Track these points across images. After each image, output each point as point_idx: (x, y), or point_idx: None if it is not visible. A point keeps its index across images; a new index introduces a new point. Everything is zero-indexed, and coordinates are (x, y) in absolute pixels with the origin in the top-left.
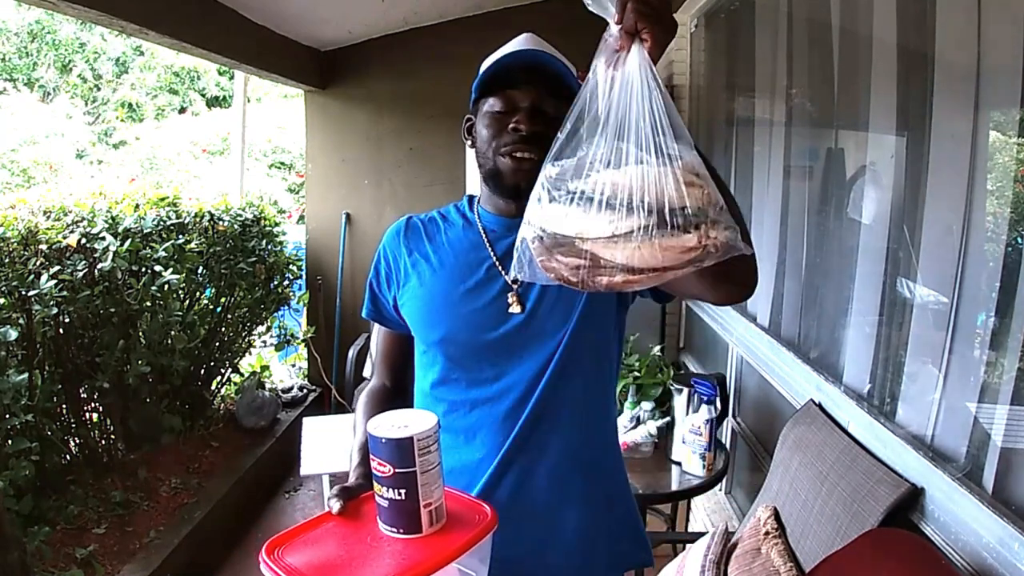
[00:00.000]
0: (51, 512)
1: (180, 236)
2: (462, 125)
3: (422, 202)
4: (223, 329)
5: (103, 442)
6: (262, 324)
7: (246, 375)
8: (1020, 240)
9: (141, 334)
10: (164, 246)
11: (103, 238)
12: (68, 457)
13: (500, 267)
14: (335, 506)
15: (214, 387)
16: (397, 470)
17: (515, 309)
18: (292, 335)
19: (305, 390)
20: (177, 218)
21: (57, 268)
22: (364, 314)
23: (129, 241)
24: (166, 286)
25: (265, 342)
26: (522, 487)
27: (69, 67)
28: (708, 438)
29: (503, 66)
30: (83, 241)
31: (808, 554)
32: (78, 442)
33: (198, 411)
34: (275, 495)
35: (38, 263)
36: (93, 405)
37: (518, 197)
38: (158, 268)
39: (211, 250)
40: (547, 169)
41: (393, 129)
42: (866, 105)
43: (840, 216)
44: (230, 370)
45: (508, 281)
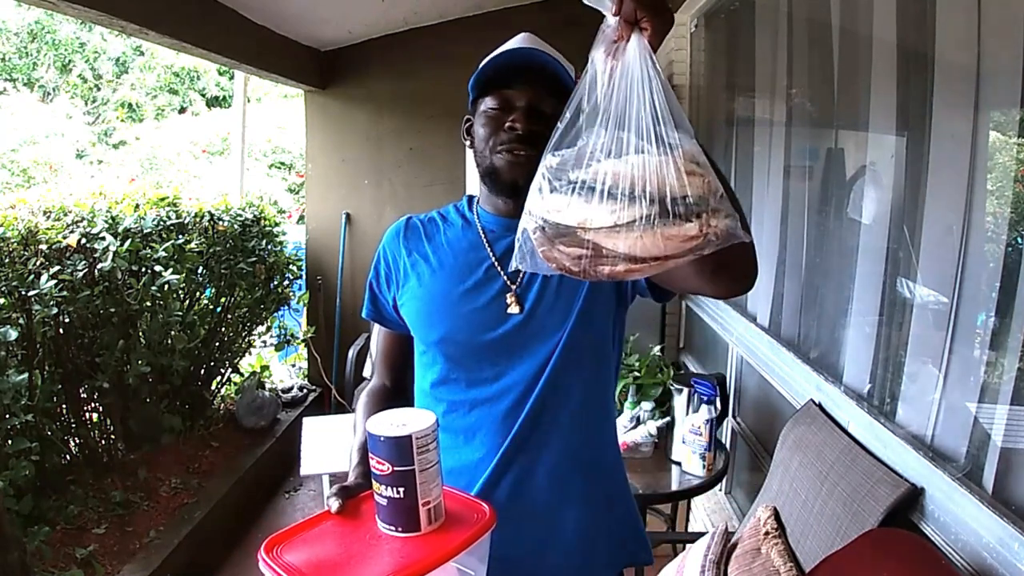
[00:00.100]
0: (51, 512)
1: (180, 236)
2: (461, 126)
3: (422, 202)
4: (223, 329)
5: (103, 442)
6: (262, 324)
7: (246, 375)
8: (1020, 240)
9: (141, 334)
10: (164, 246)
11: (103, 238)
12: (68, 457)
13: (499, 267)
14: (334, 505)
15: (214, 387)
16: (395, 468)
17: (514, 309)
18: (292, 335)
19: (305, 390)
20: (177, 218)
21: (57, 268)
22: (364, 314)
23: (129, 241)
24: (166, 286)
25: (265, 342)
26: (522, 487)
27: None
28: (708, 438)
29: (500, 65)
30: (83, 241)
31: (808, 554)
32: (78, 442)
33: (198, 411)
34: (275, 495)
35: (38, 263)
36: (93, 405)
37: (516, 195)
38: (158, 268)
39: (211, 250)
40: (547, 159)
41: (393, 129)
42: (866, 105)
43: (840, 216)
44: (230, 370)
45: (507, 281)
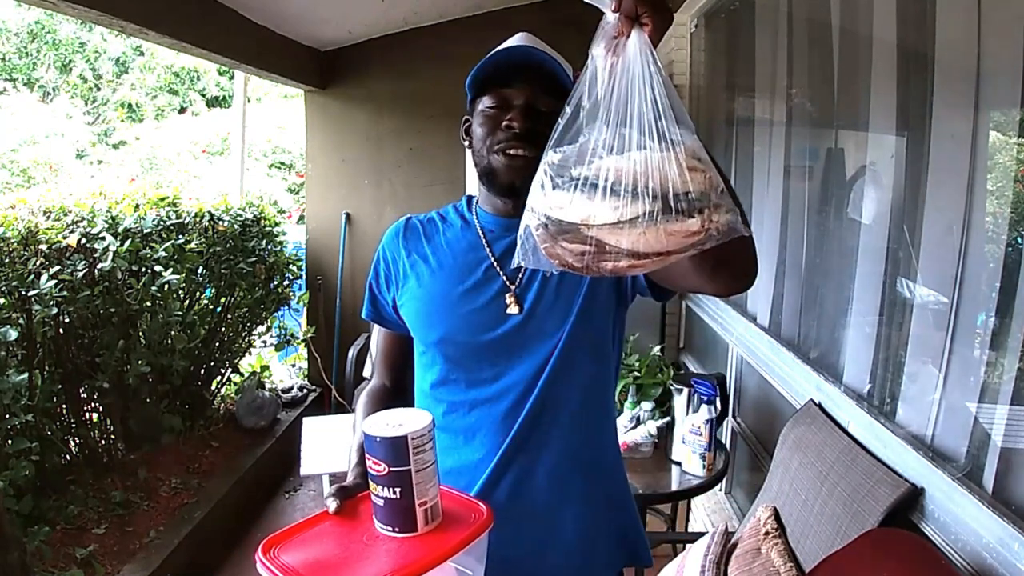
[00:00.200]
0: (51, 512)
1: (180, 236)
2: (460, 127)
3: (422, 202)
4: (223, 329)
5: (103, 442)
6: (262, 324)
7: (246, 375)
8: (1020, 240)
9: (141, 334)
10: (164, 246)
11: (103, 238)
12: (68, 457)
13: (498, 267)
14: (332, 505)
15: (214, 387)
16: (392, 469)
17: (513, 310)
18: (292, 335)
19: (305, 390)
20: (177, 218)
21: (57, 268)
22: (364, 315)
23: (129, 241)
24: (166, 286)
25: (265, 342)
26: (522, 487)
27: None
28: (708, 438)
29: (497, 64)
30: (83, 241)
31: (808, 554)
32: (78, 442)
33: (198, 411)
34: (275, 495)
35: (38, 263)
36: (93, 405)
37: (513, 196)
38: (158, 268)
39: (211, 250)
40: (549, 155)
41: (393, 129)
42: (866, 105)
43: (840, 216)
44: (230, 370)
45: (506, 281)
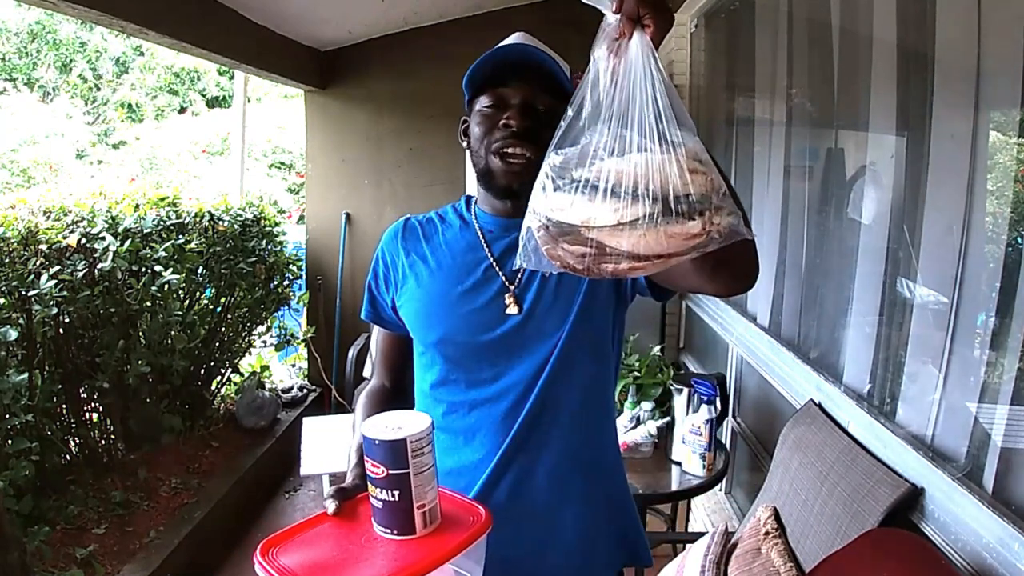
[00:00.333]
0: (51, 512)
1: (180, 236)
2: (458, 127)
3: (422, 202)
4: (223, 329)
5: (103, 442)
6: (262, 324)
7: (246, 375)
8: (1020, 240)
9: (141, 334)
10: (164, 246)
11: (103, 238)
12: (68, 457)
13: (497, 268)
14: (331, 507)
15: (214, 387)
16: (391, 471)
17: (512, 310)
18: (292, 335)
19: (305, 390)
20: (177, 218)
21: (57, 268)
22: (363, 316)
23: (129, 241)
24: (166, 286)
25: (265, 342)
26: (522, 487)
27: (69, 67)
28: (708, 438)
29: (495, 64)
30: (83, 241)
31: (808, 554)
32: (78, 442)
33: (198, 411)
34: (275, 495)
35: (38, 263)
36: (93, 405)
37: (512, 196)
38: (158, 268)
39: (211, 250)
40: (551, 157)
41: (393, 129)
42: (866, 105)
43: (840, 216)
44: (230, 370)
45: (505, 282)
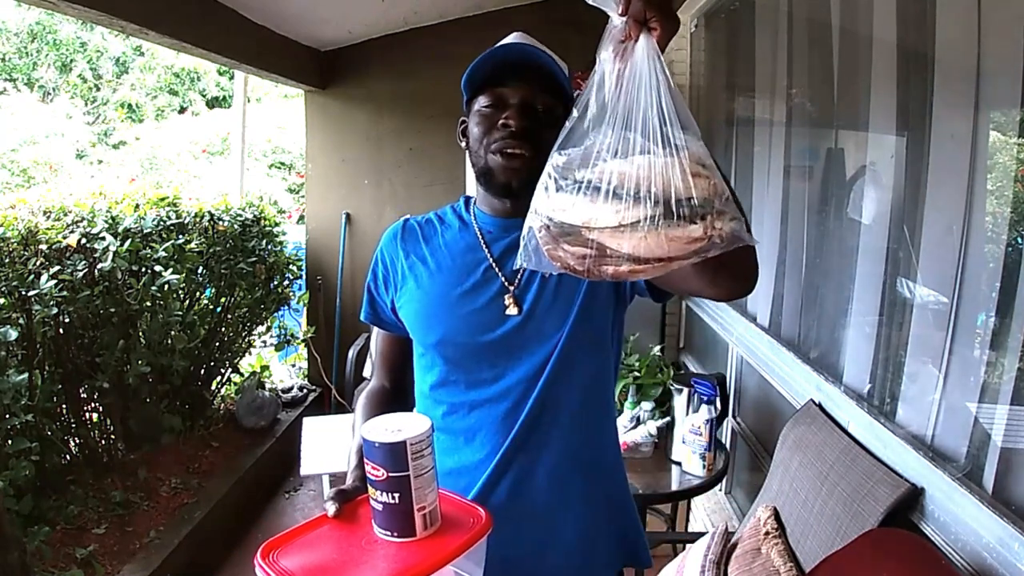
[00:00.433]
0: (51, 512)
1: (180, 236)
2: (456, 128)
3: (422, 202)
4: (223, 329)
5: (103, 442)
6: (262, 324)
7: (246, 375)
8: (1020, 240)
9: (141, 334)
10: (164, 246)
11: (103, 238)
12: (68, 457)
13: (497, 268)
14: (331, 509)
15: (214, 387)
16: (391, 474)
17: (512, 311)
18: (292, 335)
19: (305, 390)
20: (177, 218)
21: (57, 268)
22: (363, 317)
23: (129, 241)
24: (166, 286)
25: (265, 342)
26: (522, 487)
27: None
28: (708, 438)
29: (493, 64)
30: (83, 241)
31: (808, 554)
32: (78, 442)
33: (198, 411)
34: (275, 495)
35: (38, 263)
36: (93, 405)
37: (511, 195)
38: (158, 268)
39: (211, 250)
40: (554, 158)
41: (393, 129)
42: (866, 105)
43: (840, 216)
44: (230, 370)
45: (505, 282)
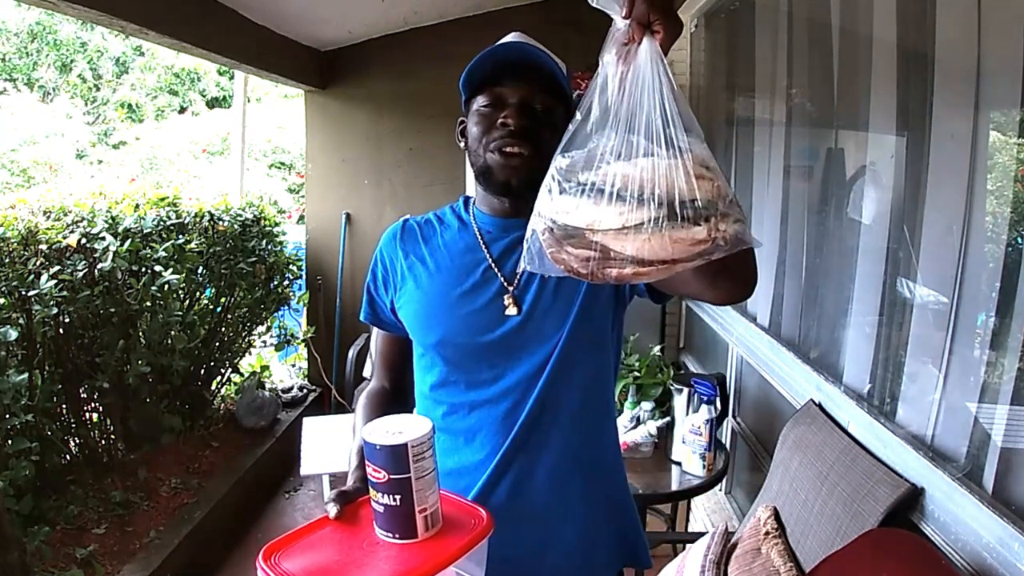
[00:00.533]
0: (51, 512)
1: (180, 236)
2: (455, 128)
3: (422, 202)
4: (223, 329)
5: (103, 442)
6: (262, 324)
7: (246, 375)
8: (1020, 240)
9: (141, 334)
10: (164, 246)
11: (103, 238)
12: (68, 457)
13: (496, 268)
14: (332, 511)
15: (214, 387)
16: (392, 476)
17: (512, 311)
18: (292, 335)
19: (305, 390)
20: (177, 218)
21: (57, 268)
22: (362, 318)
23: (129, 241)
24: (166, 286)
25: (265, 342)
26: (522, 487)
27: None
28: (708, 438)
29: (492, 63)
30: (83, 241)
31: (808, 554)
32: (78, 442)
33: (198, 411)
34: (275, 495)
35: (38, 263)
36: (93, 405)
37: (510, 194)
38: (158, 268)
39: (211, 250)
40: (557, 160)
41: (393, 129)
42: (866, 105)
43: (840, 216)
44: (230, 370)
45: (504, 283)
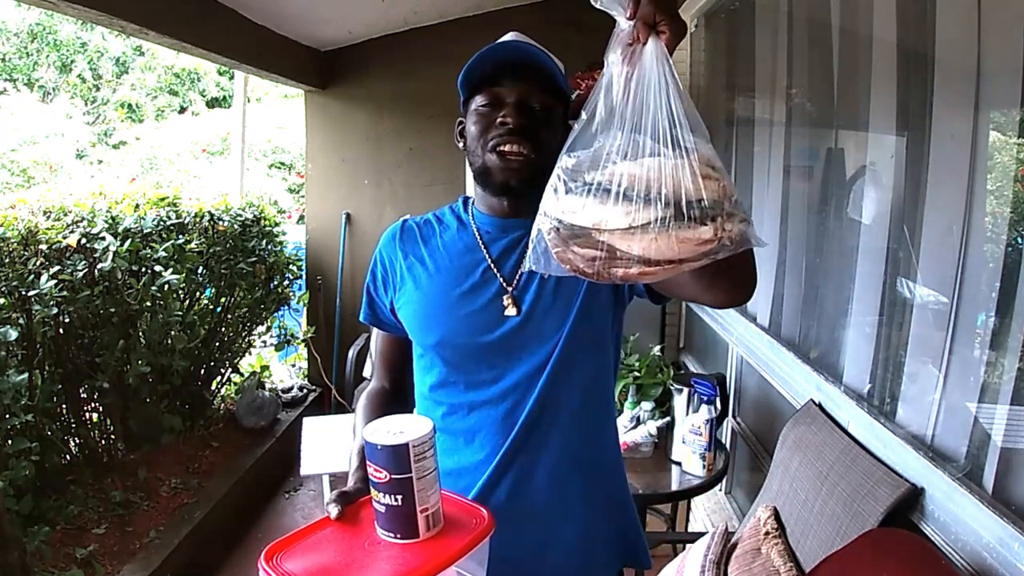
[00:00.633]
0: (51, 512)
1: (180, 236)
2: (454, 129)
3: (422, 202)
4: (223, 329)
5: (103, 442)
6: (262, 324)
7: (246, 375)
8: (1020, 240)
9: (141, 334)
10: (164, 246)
11: (103, 238)
12: (68, 457)
13: (495, 269)
14: (333, 511)
15: (214, 387)
16: (393, 476)
17: (511, 311)
18: (292, 335)
19: (305, 390)
20: (177, 218)
21: (57, 268)
22: (362, 319)
23: (129, 241)
24: (166, 286)
25: (265, 342)
26: (522, 488)
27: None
28: (708, 438)
29: (490, 63)
30: (83, 241)
31: (808, 554)
32: (78, 442)
33: (198, 411)
34: (275, 495)
35: (38, 263)
36: (93, 405)
37: (509, 194)
38: (158, 268)
39: (211, 250)
40: (563, 160)
41: (393, 129)
42: (866, 105)
43: (840, 216)
44: (230, 370)
45: (503, 283)
